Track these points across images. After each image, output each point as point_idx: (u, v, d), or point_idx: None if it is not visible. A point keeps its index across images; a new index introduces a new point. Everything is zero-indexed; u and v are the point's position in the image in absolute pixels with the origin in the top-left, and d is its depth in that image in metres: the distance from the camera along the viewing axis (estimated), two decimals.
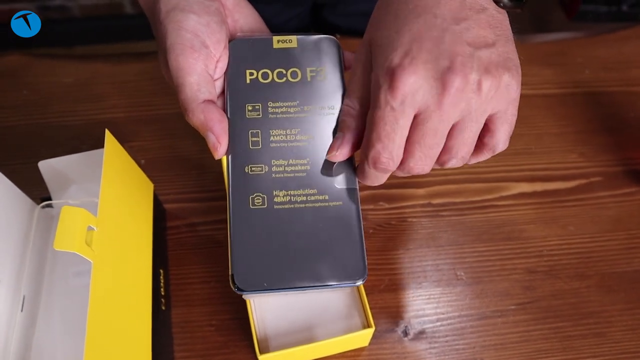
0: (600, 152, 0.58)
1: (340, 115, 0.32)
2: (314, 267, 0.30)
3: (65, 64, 0.66)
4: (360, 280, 0.30)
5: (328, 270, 0.30)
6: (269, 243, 0.31)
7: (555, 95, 0.63)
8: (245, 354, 0.45)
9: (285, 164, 0.32)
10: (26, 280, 0.41)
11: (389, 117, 0.28)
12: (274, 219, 0.31)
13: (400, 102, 0.27)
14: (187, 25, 0.31)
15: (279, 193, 0.31)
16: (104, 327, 0.32)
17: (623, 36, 0.69)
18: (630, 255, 0.51)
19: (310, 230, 0.31)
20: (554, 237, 0.52)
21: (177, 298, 0.48)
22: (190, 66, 0.31)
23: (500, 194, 0.55)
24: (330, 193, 0.32)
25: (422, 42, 0.27)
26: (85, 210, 0.33)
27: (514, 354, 0.46)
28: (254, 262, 0.30)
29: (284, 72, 0.34)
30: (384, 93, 0.28)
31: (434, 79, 0.27)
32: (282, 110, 0.33)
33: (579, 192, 0.55)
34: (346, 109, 0.32)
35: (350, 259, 0.30)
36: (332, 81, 0.34)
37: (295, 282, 0.30)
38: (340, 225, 0.31)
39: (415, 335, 0.46)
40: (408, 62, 0.27)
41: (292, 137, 0.32)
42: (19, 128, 0.59)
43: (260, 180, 0.32)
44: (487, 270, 0.50)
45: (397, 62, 0.27)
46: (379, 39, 0.29)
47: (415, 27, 0.28)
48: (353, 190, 0.32)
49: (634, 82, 0.65)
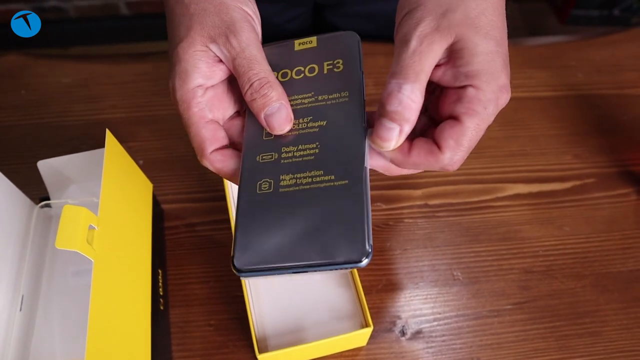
0: (595, 154, 0.59)
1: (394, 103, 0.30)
2: (316, 246, 0.29)
3: (63, 65, 0.66)
4: (364, 259, 0.28)
5: (330, 250, 0.28)
6: (272, 225, 0.30)
7: (550, 97, 0.64)
8: (244, 354, 0.45)
9: (295, 150, 0.32)
10: (25, 280, 0.41)
11: (481, 129, 0.30)
12: (279, 202, 0.30)
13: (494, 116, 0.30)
14: None
15: (286, 177, 0.31)
16: (105, 326, 0.33)
17: (615, 40, 0.70)
18: (625, 256, 0.52)
19: (313, 211, 0.30)
20: (550, 237, 0.53)
21: (176, 298, 0.48)
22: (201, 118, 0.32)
23: (496, 194, 0.55)
24: (337, 173, 0.30)
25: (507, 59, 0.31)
26: (87, 209, 0.33)
27: (510, 353, 0.46)
28: (254, 244, 0.30)
29: (302, 69, 0.34)
30: (492, 107, 0.30)
31: None
32: (297, 103, 0.33)
33: (574, 193, 0.56)
34: (407, 102, 0.29)
35: (353, 238, 0.28)
36: (348, 70, 0.34)
37: (294, 261, 0.29)
38: (344, 204, 0.29)
39: (412, 334, 0.47)
40: (508, 83, 0.30)
41: (304, 125, 0.32)
42: (18, 128, 0.59)
43: (270, 167, 0.32)
44: (484, 270, 0.50)
45: (504, 82, 0.30)
46: (477, 46, 0.30)
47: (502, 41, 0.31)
48: (361, 168, 0.30)
49: (626, 85, 0.65)
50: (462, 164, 0.31)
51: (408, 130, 0.30)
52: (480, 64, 0.29)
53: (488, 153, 0.58)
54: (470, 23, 0.30)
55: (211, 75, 0.32)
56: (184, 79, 0.32)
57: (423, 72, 0.29)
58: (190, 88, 0.32)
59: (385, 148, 0.30)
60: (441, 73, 0.31)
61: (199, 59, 0.32)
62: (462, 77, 0.30)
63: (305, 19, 0.70)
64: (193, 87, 0.32)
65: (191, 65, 0.32)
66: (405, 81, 0.29)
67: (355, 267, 0.28)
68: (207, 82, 0.32)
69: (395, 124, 0.29)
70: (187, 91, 0.32)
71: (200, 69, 0.32)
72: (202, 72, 0.32)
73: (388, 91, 0.29)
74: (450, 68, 0.30)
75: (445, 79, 0.30)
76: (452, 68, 0.30)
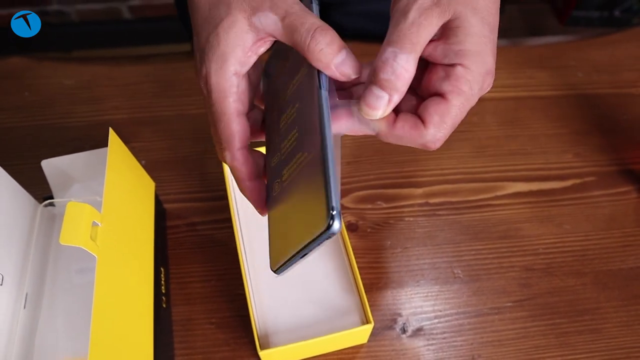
0: (595, 153, 0.59)
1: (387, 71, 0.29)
2: (301, 227, 0.28)
3: (65, 67, 0.66)
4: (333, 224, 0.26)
5: (308, 227, 0.27)
6: (281, 221, 0.30)
7: (550, 97, 0.64)
8: (245, 351, 0.46)
9: (287, 142, 0.31)
10: (29, 278, 0.41)
11: (465, 109, 0.30)
12: (284, 198, 0.30)
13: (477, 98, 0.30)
14: None
15: (285, 172, 0.31)
16: (109, 321, 0.33)
17: (614, 40, 0.71)
18: (625, 253, 0.52)
19: (297, 194, 0.29)
20: (550, 235, 0.53)
21: (178, 296, 0.48)
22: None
23: (496, 193, 0.56)
24: (307, 149, 0.29)
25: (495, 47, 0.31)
26: (90, 206, 0.33)
27: (510, 350, 0.46)
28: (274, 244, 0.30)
29: None
30: (477, 89, 0.30)
31: None
32: (288, 93, 0.33)
33: (574, 192, 0.56)
34: (401, 72, 0.29)
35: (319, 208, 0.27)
36: None
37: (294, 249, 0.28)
38: (312, 178, 0.28)
39: (413, 332, 0.47)
40: (494, 68, 0.31)
41: (290, 114, 0.32)
42: (21, 129, 0.59)
43: (277, 167, 0.32)
44: (484, 268, 0.51)
45: (491, 67, 0.30)
46: (473, 27, 0.30)
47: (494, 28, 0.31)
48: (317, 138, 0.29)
49: (625, 85, 0.66)
50: (462, 163, 0.31)
51: (397, 100, 0.29)
52: (473, 44, 0.29)
53: (488, 152, 0.59)
54: (469, 3, 0.30)
55: (246, 61, 0.31)
56: (221, 64, 0.30)
57: (419, 44, 0.29)
58: (228, 75, 0.31)
59: (371, 116, 0.30)
60: (431, 48, 0.30)
61: (237, 43, 0.31)
62: (452, 55, 0.30)
63: None
64: (230, 75, 0.31)
65: (230, 48, 0.30)
66: (401, 50, 0.29)
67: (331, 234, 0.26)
68: (241, 69, 0.31)
69: (385, 93, 0.29)
70: (224, 79, 0.31)
71: (237, 54, 0.31)
72: (238, 57, 0.31)
73: (383, 59, 0.29)
74: (442, 44, 0.30)
75: (435, 54, 0.30)
76: (444, 44, 0.30)
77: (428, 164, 0.57)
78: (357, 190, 0.55)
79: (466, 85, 0.29)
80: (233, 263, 0.50)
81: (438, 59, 0.30)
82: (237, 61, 0.31)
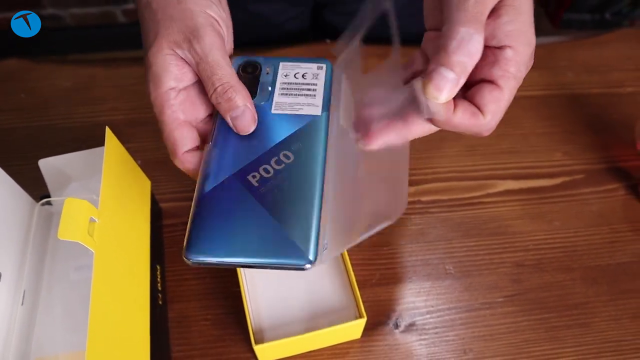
0: (584, 151, 0.60)
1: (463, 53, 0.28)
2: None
3: (63, 69, 0.67)
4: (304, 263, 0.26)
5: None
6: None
7: (540, 96, 0.65)
8: (241, 347, 0.46)
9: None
10: (27, 275, 0.42)
11: (515, 91, 0.30)
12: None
13: None
14: None
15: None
16: (106, 317, 0.34)
17: (604, 40, 0.72)
18: (613, 249, 0.53)
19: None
20: (540, 232, 0.54)
21: (174, 294, 0.49)
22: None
23: (488, 191, 0.56)
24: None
25: None
26: (88, 202, 0.34)
27: (501, 344, 0.47)
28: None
29: None
30: (524, 71, 0.30)
31: None
32: None
33: (564, 189, 0.57)
34: (475, 52, 0.28)
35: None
36: None
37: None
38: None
39: (406, 327, 0.48)
40: None
41: None
42: (19, 130, 0.60)
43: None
44: (476, 264, 0.51)
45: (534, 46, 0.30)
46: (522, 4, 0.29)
47: None
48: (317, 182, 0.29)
49: (614, 84, 0.67)
50: (454, 162, 0.32)
51: (462, 82, 0.28)
52: (522, 23, 0.29)
53: (479, 151, 0.60)
54: None
55: (182, 77, 0.34)
56: (156, 82, 0.33)
57: (483, 23, 0.28)
58: (162, 91, 0.33)
59: (437, 99, 0.28)
60: None
61: (170, 62, 0.33)
62: (501, 36, 0.29)
63: (304, 19, 0.71)
64: (165, 90, 0.33)
65: (162, 68, 0.33)
66: (475, 31, 0.28)
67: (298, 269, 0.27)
68: (178, 84, 0.33)
69: (454, 74, 0.28)
70: (160, 94, 0.33)
71: (171, 71, 0.33)
72: (174, 74, 0.33)
73: (459, 39, 0.27)
74: (492, 23, 0.29)
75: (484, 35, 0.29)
76: (493, 24, 0.29)
77: (420, 163, 0.58)
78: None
79: (515, 68, 0.29)
80: None
81: (487, 40, 0.29)
82: (171, 78, 0.33)
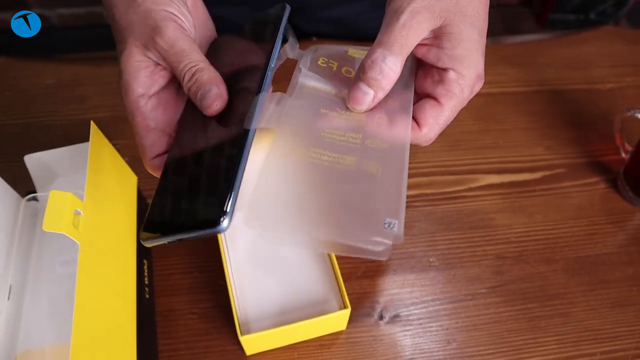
0: (565, 146, 0.61)
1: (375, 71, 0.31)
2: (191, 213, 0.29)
3: (46, 66, 0.67)
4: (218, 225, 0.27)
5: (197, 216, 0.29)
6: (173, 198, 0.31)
7: (522, 92, 0.66)
8: (227, 340, 0.47)
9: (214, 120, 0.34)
10: (12, 270, 0.42)
11: (456, 110, 0.33)
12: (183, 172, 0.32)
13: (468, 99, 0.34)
14: None
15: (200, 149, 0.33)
16: (91, 309, 0.34)
17: (583, 38, 0.73)
18: (593, 241, 0.54)
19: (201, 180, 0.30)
20: (521, 224, 0.55)
21: (160, 288, 0.49)
22: None
23: (469, 185, 0.57)
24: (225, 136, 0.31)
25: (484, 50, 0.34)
26: (73, 194, 0.34)
27: (484, 334, 0.48)
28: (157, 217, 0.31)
29: None
30: (468, 92, 0.33)
31: None
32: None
33: (545, 183, 0.58)
34: (388, 72, 0.31)
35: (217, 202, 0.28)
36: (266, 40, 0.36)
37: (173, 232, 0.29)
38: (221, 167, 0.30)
39: (390, 318, 0.49)
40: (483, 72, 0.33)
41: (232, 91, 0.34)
42: (3, 128, 0.60)
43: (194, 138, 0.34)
44: (459, 256, 0.52)
45: (481, 71, 0.33)
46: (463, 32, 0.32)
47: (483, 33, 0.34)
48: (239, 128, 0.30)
49: (594, 80, 0.68)
50: (437, 157, 0.33)
51: (381, 97, 0.32)
52: (464, 49, 0.32)
53: (462, 146, 0.61)
54: (460, 10, 0.32)
55: (152, 83, 0.34)
56: (126, 90, 0.33)
57: (407, 47, 0.32)
58: (132, 98, 0.33)
59: (357, 111, 0.33)
60: (425, 50, 0.33)
61: (139, 69, 0.33)
62: (445, 59, 0.32)
63: None
64: (135, 97, 0.33)
65: (132, 76, 0.33)
66: (390, 52, 0.31)
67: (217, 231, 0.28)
68: (148, 90, 0.33)
69: (371, 90, 0.32)
70: (130, 101, 0.33)
71: (140, 78, 0.33)
72: (142, 81, 0.33)
73: (372, 59, 0.31)
74: (435, 48, 0.33)
75: (428, 57, 0.33)
76: (437, 48, 0.32)
77: None
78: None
79: (458, 89, 0.32)
80: (214, 255, 0.51)
81: (432, 61, 0.33)
82: (140, 85, 0.33)
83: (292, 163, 0.30)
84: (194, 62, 0.33)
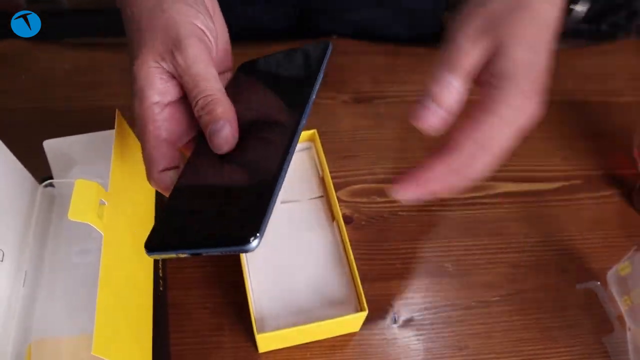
0: (581, 157, 0.61)
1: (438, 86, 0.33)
2: (214, 228, 0.29)
3: (62, 51, 0.67)
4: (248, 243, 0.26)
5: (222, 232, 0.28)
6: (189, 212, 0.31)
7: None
8: (238, 336, 0.46)
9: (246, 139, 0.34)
10: (28, 256, 0.42)
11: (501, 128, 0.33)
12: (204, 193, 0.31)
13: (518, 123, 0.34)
14: None
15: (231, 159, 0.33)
16: (113, 299, 0.34)
17: (603, 50, 0.73)
18: (607, 254, 0.54)
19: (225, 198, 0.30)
20: (537, 234, 0.55)
21: (174, 281, 0.49)
22: None
23: (487, 192, 0.57)
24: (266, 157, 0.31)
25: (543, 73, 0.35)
26: (98, 184, 0.34)
27: (497, 342, 0.48)
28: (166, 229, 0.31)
29: None
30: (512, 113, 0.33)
31: None
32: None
33: (561, 194, 0.58)
34: (453, 88, 0.33)
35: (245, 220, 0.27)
36: None
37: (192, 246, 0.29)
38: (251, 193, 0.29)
39: (403, 322, 0.48)
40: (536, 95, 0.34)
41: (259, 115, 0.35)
42: (20, 112, 0.59)
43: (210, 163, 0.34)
44: (473, 263, 0.52)
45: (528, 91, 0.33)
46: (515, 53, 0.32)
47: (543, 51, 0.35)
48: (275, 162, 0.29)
49: (612, 94, 0.68)
50: None
51: (443, 114, 0.33)
52: (510, 69, 0.32)
53: None
54: (516, 33, 0.32)
55: (166, 91, 0.32)
56: (140, 97, 0.32)
57: (464, 68, 0.33)
58: (146, 106, 0.31)
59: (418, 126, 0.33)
60: (480, 72, 0.34)
61: (154, 75, 0.32)
62: (493, 80, 0.32)
63: (291, 17, 0.71)
64: (149, 105, 0.31)
65: (146, 82, 0.31)
66: (451, 73, 0.33)
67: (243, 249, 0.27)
68: (163, 98, 0.32)
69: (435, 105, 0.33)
70: (144, 109, 0.31)
71: (155, 85, 0.31)
72: (157, 88, 0.32)
73: (437, 79, 0.33)
74: (485, 68, 0.33)
75: (482, 78, 0.34)
76: (485, 69, 0.33)
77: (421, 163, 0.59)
78: (352, 184, 0.57)
79: (495, 105, 0.32)
80: None
81: (480, 82, 0.34)
82: (155, 92, 0.32)
83: None
84: (210, 91, 0.31)
